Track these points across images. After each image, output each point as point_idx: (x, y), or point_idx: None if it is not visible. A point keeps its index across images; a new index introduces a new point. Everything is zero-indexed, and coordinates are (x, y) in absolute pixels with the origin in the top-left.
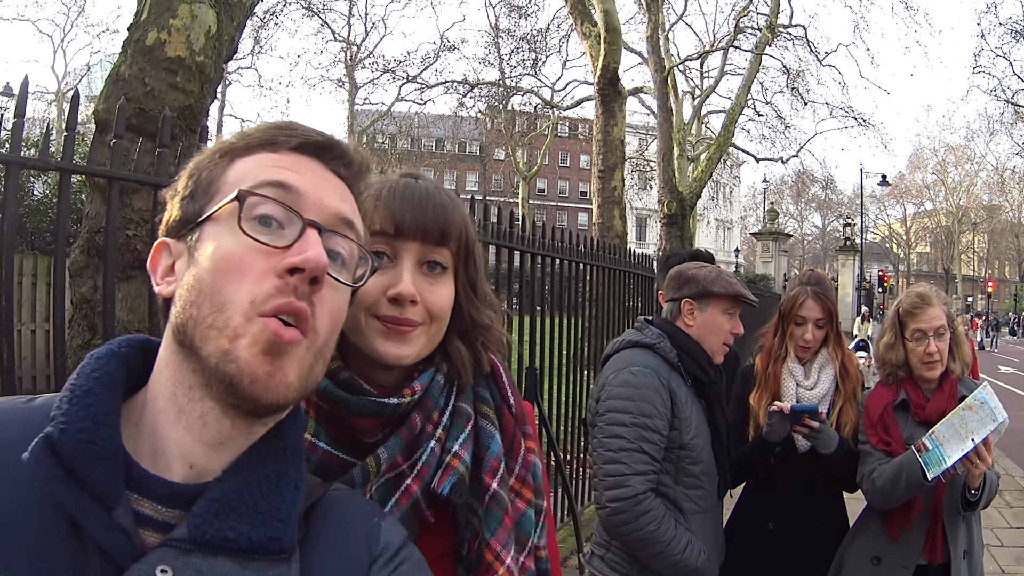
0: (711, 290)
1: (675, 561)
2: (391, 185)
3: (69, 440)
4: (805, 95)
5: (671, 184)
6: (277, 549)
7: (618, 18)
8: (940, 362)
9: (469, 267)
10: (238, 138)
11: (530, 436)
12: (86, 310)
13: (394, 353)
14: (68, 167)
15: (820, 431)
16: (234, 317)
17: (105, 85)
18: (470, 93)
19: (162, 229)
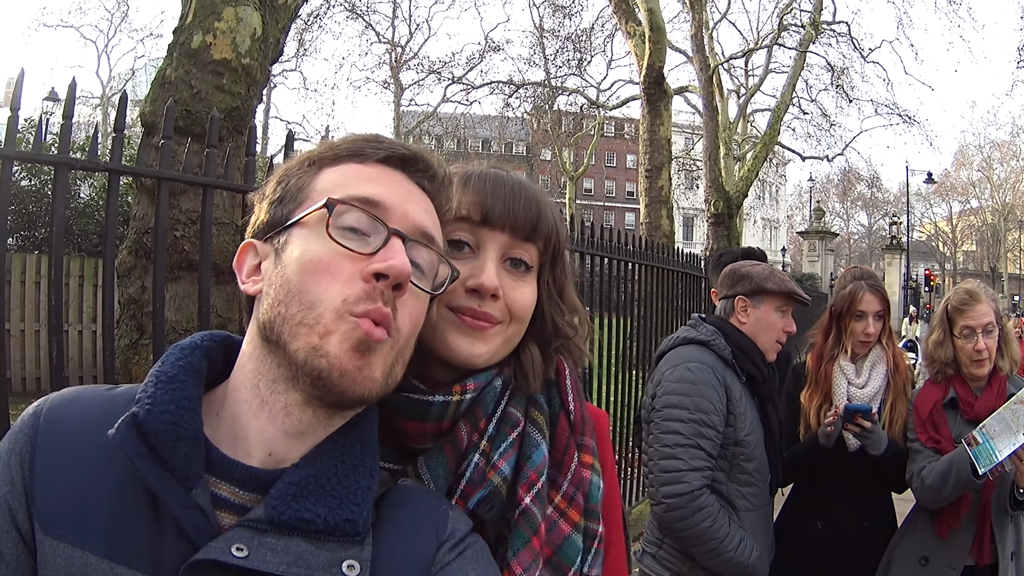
0: (764, 287)
1: (728, 558)
2: (481, 172)
3: (154, 420)
4: (850, 92)
5: (718, 183)
6: (352, 531)
7: (662, 17)
8: (989, 359)
9: (556, 270)
10: (326, 148)
11: (587, 449)
12: (134, 310)
13: (466, 350)
14: (117, 168)
15: (871, 431)
16: (325, 315)
17: (151, 88)
18: (516, 93)
19: (249, 230)
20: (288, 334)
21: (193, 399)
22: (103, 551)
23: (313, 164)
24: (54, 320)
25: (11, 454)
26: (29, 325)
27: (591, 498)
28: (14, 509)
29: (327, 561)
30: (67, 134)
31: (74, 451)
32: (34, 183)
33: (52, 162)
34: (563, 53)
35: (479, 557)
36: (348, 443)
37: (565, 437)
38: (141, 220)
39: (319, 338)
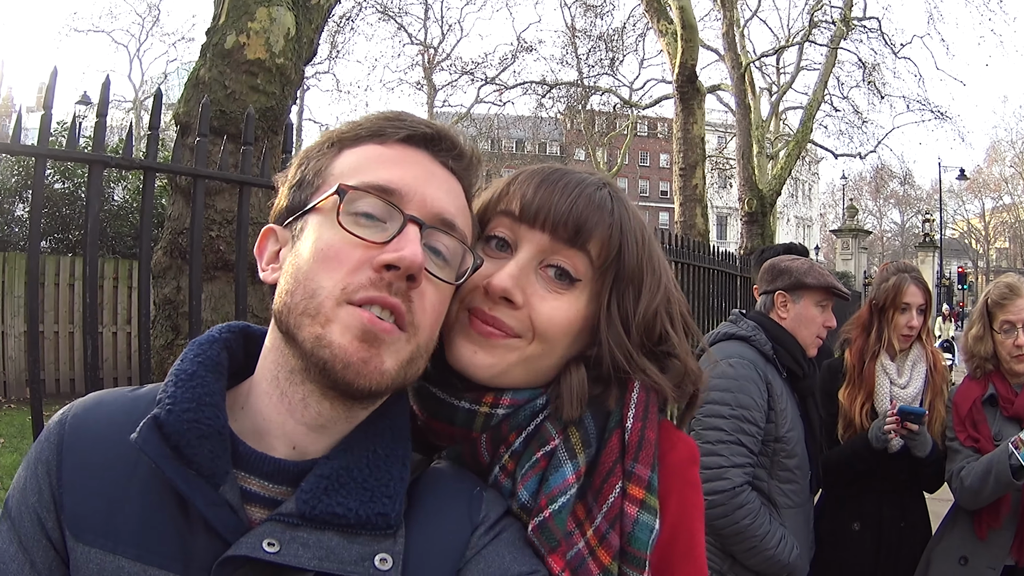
0: (804, 282)
1: (768, 556)
2: (542, 166)
3: (175, 420)
4: (882, 89)
5: (751, 182)
6: (384, 524)
7: (694, 15)
8: None
9: (623, 292)
10: (348, 128)
11: (638, 480)
12: (169, 310)
13: (467, 357)
14: (152, 165)
15: (919, 434)
16: (324, 303)
17: (185, 89)
18: (549, 93)
19: (271, 215)
20: (295, 324)
21: (214, 394)
22: (134, 554)
23: (334, 145)
24: (89, 320)
25: (38, 463)
26: (63, 327)
27: (634, 540)
28: (43, 518)
29: (359, 555)
30: (101, 132)
31: (100, 456)
32: (67, 186)
33: (86, 160)
34: (595, 53)
35: (515, 540)
36: (379, 432)
37: (611, 461)
38: (176, 220)
39: (321, 327)
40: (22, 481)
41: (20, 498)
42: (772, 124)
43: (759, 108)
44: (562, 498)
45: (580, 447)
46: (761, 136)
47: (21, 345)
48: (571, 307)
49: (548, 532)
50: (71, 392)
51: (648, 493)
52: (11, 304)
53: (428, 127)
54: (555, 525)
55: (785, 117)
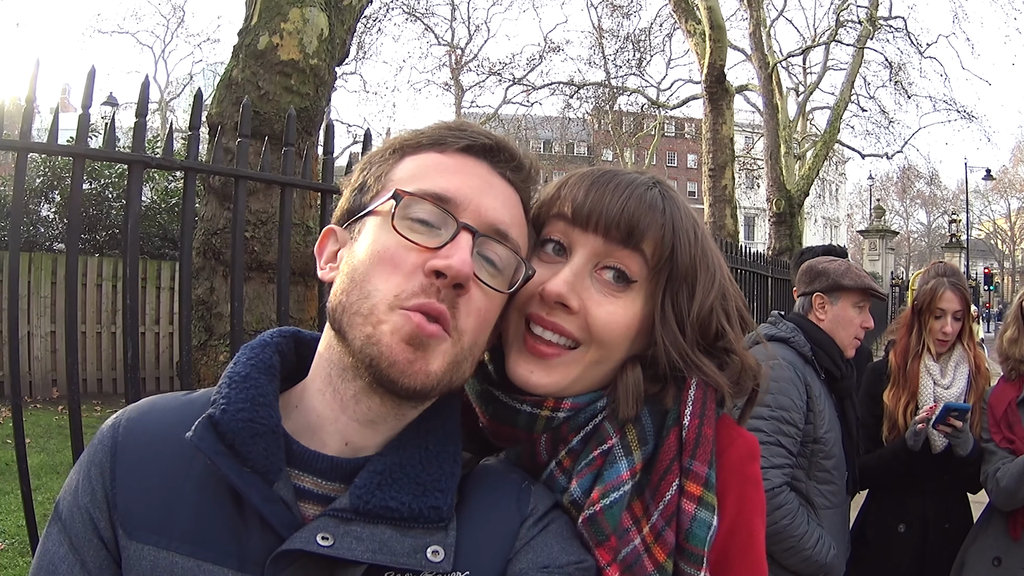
0: (841, 283)
1: (806, 556)
2: (593, 169)
3: (230, 419)
4: (908, 88)
5: (779, 182)
6: (436, 517)
7: (722, 15)
8: None
9: (677, 291)
10: (411, 135)
11: (696, 477)
12: (202, 311)
13: (523, 377)
14: (194, 166)
15: (962, 431)
16: (378, 306)
17: (216, 89)
18: (576, 94)
19: (334, 216)
20: (348, 322)
21: (268, 394)
22: (188, 550)
23: (396, 151)
24: (130, 320)
25: (91, 465)
26: (90, 327)
27: (691, 537)
28: (96, 518)
29: (412, 547)
30: (141, 132)
31: (154, 457)
32: (94, 187)
33: (127, 160)
34: (623, 53)
35: (563, 532)
36: (431, 430)
37: (669, 458)
38: (209, 221)
39: (372, 327)
40: (74, 484)
41: (72, 500)
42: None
43: (786, 108)
44: (614, 493)
45: (636, 444)
46: (788, 136)
47: (47, 345)
48: (628, 309)
49: (597, 526)
50: (99, 392)
51: (706, 490)
52: (37, 304)
53: (488, 138)
54: (605, 520)
55: (812, 117)
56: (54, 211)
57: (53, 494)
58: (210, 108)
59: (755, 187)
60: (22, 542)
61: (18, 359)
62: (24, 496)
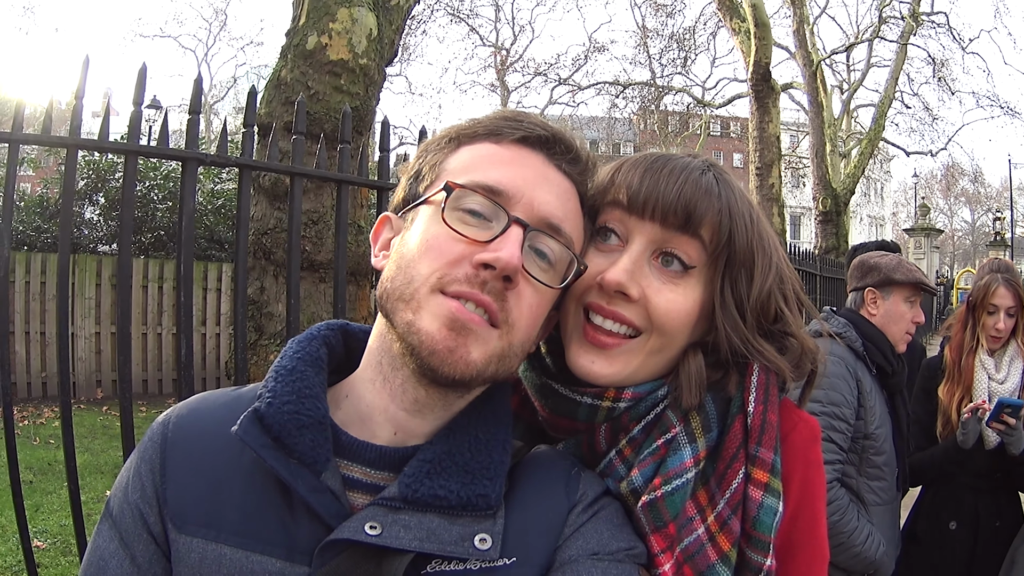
0: (892, 278)
1: (856, 552)
2: (645, 154)
3: (275, 412)
4: (951, 85)
5: (825, 180)
6: (485, 505)
7: (766, 12)
8: None
9: (736, 276)
10: (468, 124)
11: (762, 463)
12: (252, 311)
13: (584, 367)
14: (248, 163)
15: (1016, 429)
16: (420, 290)
17: (265, 90)
18: (622, 94)
19: (391, 204)
20: (392, 309)
21: (314, 386)
22: (236, 542)
23: (452, 140)
24: (184, 318)
25: (141, 462)
26: (136, 329)
27: (758, 524)
28: (145, 514)
29: (459, 536)
30: (195, 129)
31: (203, 451)
32: (139, 188)
33: (181, 157)
34: (667, 52)
35: (613, 518)
36: (482, 418)
37: (735, 445)
38: (259, 221)
39: (412, 314)
40: (124, 481)
41: (122, 497)
42: (844, 122)
43: (831, 106)
44: (677, 480)
45: (700, 431)
46: (834, 134)
47: (91, 347)
48: (687, 296)
49: (656, 511)
50: (144, 393)
51: (772, 476)
52: (81, 306)
53: (544, 129)
54: (665, 506)
55: (856, 115)
56: (98, 213)
57: (97, 494)
58: (259, 108)
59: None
60: (64, 541)
61: (67, 360)
62: (72, 495)
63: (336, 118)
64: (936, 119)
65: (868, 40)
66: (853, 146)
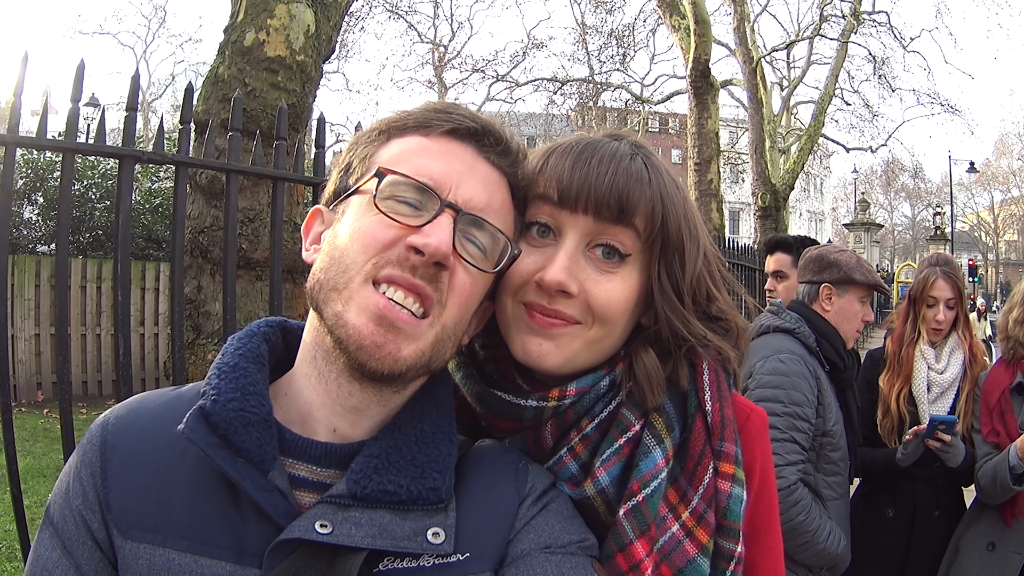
0: (852, 277)
1: (819, 550)
2: (567, 143)
3: (221, 409)
4: (892, 82)
5: (764, 176)
6: (435, 499)
7: (707, 10)
8: None
9: (670, 260)
10: (398, 117)
11: (727, 457)
12: (189, 310)
13: (535, 351)
14: (185, 160)
15: (952, 445)
16: (354, 279)
17: (203, 87)
18: (560, 90)
19: (322, 198)
20: (323, 299)
21: (257, 383)
22: (184, 545)
23: (382, 133)
24: (121, 318)
25: (81, 466)
26: (75, 330)
27: (728, 514)
28: (88, 520)
29: (412, 530)
30: (132, 126)
31: (145, 454)
32: (77, 187)
33: (118, 155)
34: (606, 49)
35: (563, 511)
36: (425, 411)
37: (700, 443)
38: (196, 219)
39: (342, 305)
40: (64, 486)
41: (63, 503)
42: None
43: (771, 103)
44: (654, 482)
45: (665, 431)
46: (773, 131)
47: (31, 348)
48: (625, 284)
49: (640, 516)
50: (84, 395)
51: (736, 467)
52: (21, 307)
53: (473, 121)
54: (647, 509)
55: (796, 111)
56: (37, 213)
57: (40, 498)
58: (196, 105)
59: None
60: (9, 547)
61: (6, 361)
62: (15, 499)
63: (273, 115)
64: (876, 116)
65: (809, 38)
66: (793, 142)
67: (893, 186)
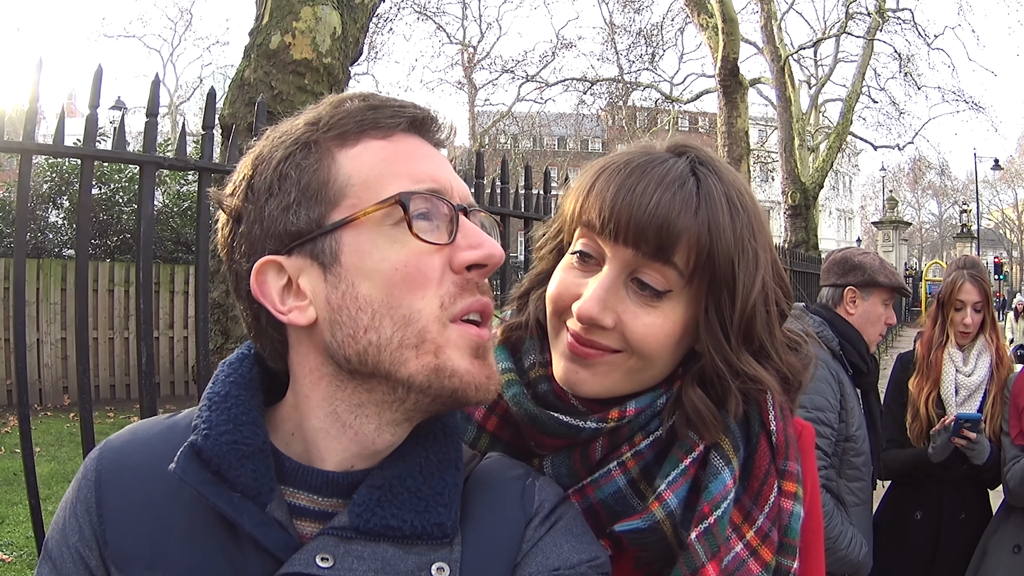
0: (876, 280)
1: (840, 556)
2: (615, 164)
3: (213, 444)
4: (917, 80)
5: (794, 175)
6: (441, 534)
7: (734, 8)
8: None
9: (718, 295)
10: (325, 126)
11: (791, 476)
12: (218, 314)
13: (572, 379)
14: (207, 166)
15: (977, 442)
16: (429, 328)
17: (228, 90)
18: (590, 90)
19: (249, 245)
20: (392, 362)
21: (251, 411)
22: None
23: (313, 147)
24: (144, 325)
25: (76, 502)
26: (102, 333)
27: (789, 531)
28: (86, 557)
29: (416, 565)
30: (152, 131)
31: (141, 488)
32: (103, 191)
33: (138, 161)
34: (635, 48)
35: (572, 528)
36: (431, 434)
37: (765, 463)
38: None
39: (435, 357)
40: (61, 522)
41: (60, 539)
42: (812, 117)
43: (799, 101)
44: (724, 503)
45: (732, 452)
46: (802, 129)
47: (57, 352)
48: (667, 319)
49: (712, 538)
50: (112, 398)
51: (797, 486)
52: (47, 311)
53: (420, 109)
54: (718, 531)
55: (824, 109)
56: (63, 217)
57: None
58: (222, 109)
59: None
60: (31, 554)
61: (25, 367)
62: (32, 509)
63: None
64: (903, 113)
65: (835, 36)
66: (821, 140)
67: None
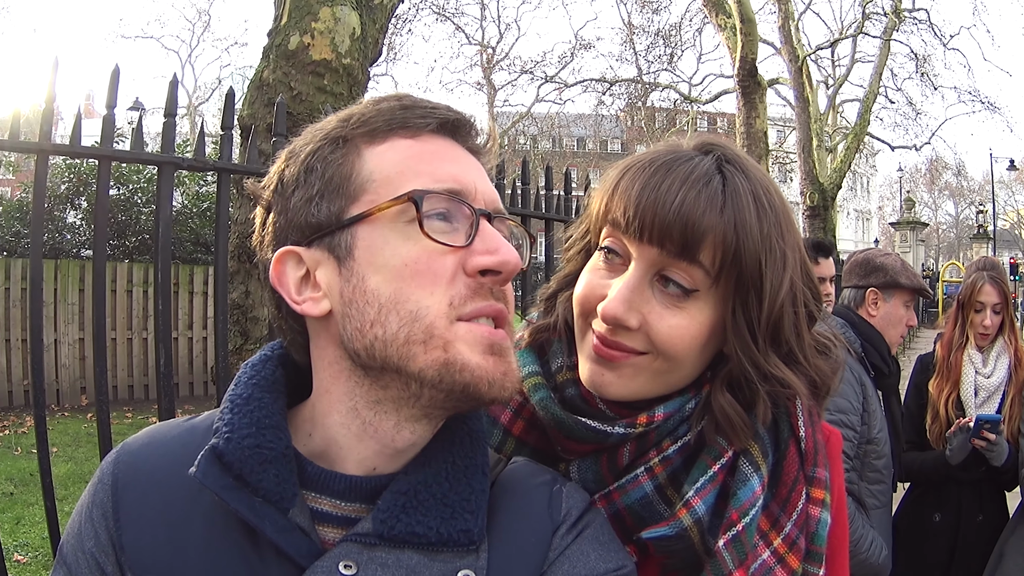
0: (898, 281)
1: (861, 560)
2: (641, 162)
3: (235, 448)
4: (934, 80)
5: (812, 175)
6: (467, 541)
7: (752, 8)
8: None
9: (745, 295)
10: (356, 123)
11: (819, 483)
12: (237, 315)
13: (597, 381)
14: (226, 167)
15: (996, 443)
16: (436, 324)
17: (247, 91)
18: (608, 91)
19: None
20: (400, 357)
21: (273, 414)
22: None
23: (342, 143)
24: (163, 327)
25: (93, 507)
26: (121, 334)
27: (816, 538)
28: (102, 562)
29: (441, 573)
30: (171, 132)
31: (159, 492)
32: (122, 192)
33: (157, 161)
34: (654, 49)
35: (600, 536)
36: (458, 438)
37: (794, 470)
38: (243, 224)
39: (443, 352)
40: (76, 527)
41: (75, 543)
42: (830, 117)
43: (817, 101)
44: (752, 510)
45: (761, 458)
46: (820, 129)
47: (75, 353)
48: (693, 320)
49: (740, 545)
50: (130, 399)
51: (825, 492)
52: (64, 311)
53: (453, 112)
54: (746, 538)
55: (842, 110)
56: (81, 217)
57: None
58: (241, 110)
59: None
60: (46, 555)
61: (42, 368)
62: (48, 510)
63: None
64: (920, 114)
65: (852, 36)
66: (839, 141)
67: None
